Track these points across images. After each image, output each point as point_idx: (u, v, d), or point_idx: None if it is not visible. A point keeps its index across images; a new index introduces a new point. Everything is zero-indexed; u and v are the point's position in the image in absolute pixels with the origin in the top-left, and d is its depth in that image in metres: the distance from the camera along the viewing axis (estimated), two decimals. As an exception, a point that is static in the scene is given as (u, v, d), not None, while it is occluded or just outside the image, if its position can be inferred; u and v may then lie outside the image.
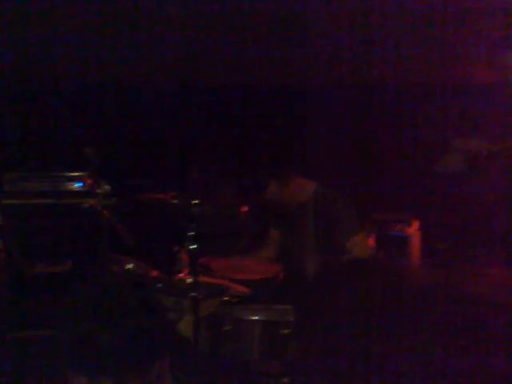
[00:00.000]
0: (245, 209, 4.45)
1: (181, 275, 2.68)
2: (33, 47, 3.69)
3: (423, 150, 3.41)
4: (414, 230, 4.60)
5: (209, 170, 4.22)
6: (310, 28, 3.50)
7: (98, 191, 2.76)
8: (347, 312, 2.51)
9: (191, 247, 2.36)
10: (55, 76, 4.30)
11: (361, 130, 4.98)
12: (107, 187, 2.78)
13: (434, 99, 3.83)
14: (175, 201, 2.56)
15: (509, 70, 3.09)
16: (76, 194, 3.56)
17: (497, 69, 3.15)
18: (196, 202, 2.48)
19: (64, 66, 4.09)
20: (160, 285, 2.51)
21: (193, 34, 3.69)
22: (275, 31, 3.71)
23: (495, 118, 3.09)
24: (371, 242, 3.72)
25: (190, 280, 2.34)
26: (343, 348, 2.41)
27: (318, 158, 4.73)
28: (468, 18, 3.55)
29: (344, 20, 3.40)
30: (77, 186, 3.60)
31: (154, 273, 2.68)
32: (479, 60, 3.66)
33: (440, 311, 2.48)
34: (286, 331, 2.14)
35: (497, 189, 3.06)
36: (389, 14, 3.48)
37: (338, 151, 5.00)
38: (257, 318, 2.19)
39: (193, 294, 2.17)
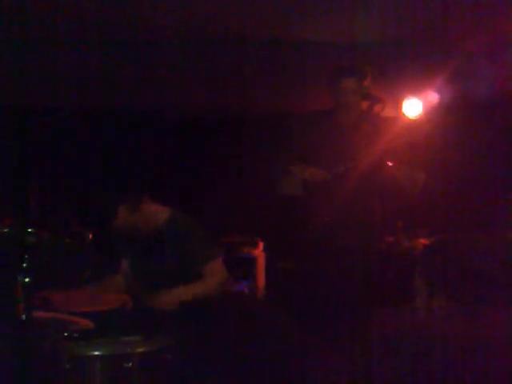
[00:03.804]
0: (90, 236, 4.25)
1: (15, 311, 2.47)
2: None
3: (265, 174, 3.54)
4: (259, 251, 4.76)
5: (47, 193, 3.99)
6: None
7: None
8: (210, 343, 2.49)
9: (26, 280, 2.19)
10: None
11: (207, 158, 5.13)
12: None
13: (271, 127, 4.02)
14: (7, 229, 2.37)
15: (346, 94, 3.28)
16: None
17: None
18: (31, 230, 2.32)
19: None
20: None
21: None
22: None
23: (329, 147, 3.29)
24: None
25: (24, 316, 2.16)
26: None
27: (167, 182, 4.73)
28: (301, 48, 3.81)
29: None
30: None
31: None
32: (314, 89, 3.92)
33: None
34: (129, 364, 2.06)
35: (334, 211, 3.25)
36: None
37: (186, 175, 5.06)
38: (98, 353, 2.07)
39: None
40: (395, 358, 1.65)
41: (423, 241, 4.19)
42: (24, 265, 2.18)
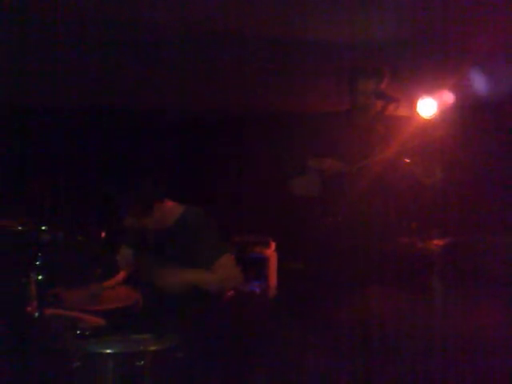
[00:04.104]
0: (102, 235, 4.27)
1: (28, 308, 2.49)
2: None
3: (279, 173, 3.53)
4: (271, 251, 4.74)
5: (61, 192, 4.01)
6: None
7: None
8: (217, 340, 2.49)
9: (39, 278, 2.21)
10: None
11: (221, 156, 5.13)
12: None
13: (286, 127, 4.01)
14: (21, 227, 2.38)
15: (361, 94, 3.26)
16: None
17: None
18: (45, 228, 2.33)
19: None
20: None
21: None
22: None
23: (344, 147, 3.26)
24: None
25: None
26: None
27: (181, 181, 4.74)
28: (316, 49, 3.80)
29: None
30: None
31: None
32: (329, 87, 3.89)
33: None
34: (141, 362, 2.05)
35: (347, 212, 3.22)
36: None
37: (198, 175, 5.07)
38: (109, 350, 2.07)
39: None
40: (408, 357, 1.64)
41: (437, 242, 4.16)
42: (37, 262, 2.19)
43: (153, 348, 2.13)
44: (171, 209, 2.89)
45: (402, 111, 3.48)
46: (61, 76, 4.02)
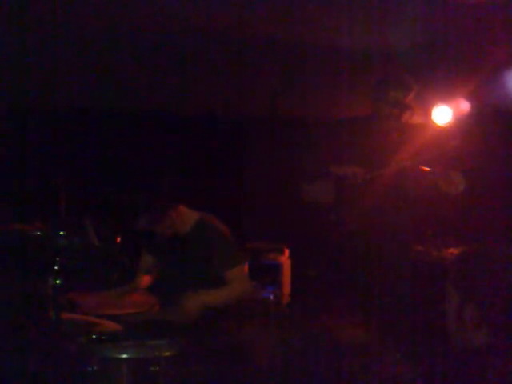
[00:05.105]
0: (118, 240, 4.30)
1: (45, 313, 2.51)
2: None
3: (293, 180, 3.53)
4: (285, 258, 4.74)
5: (78, 197, 4.04)
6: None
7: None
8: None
9: (56, 282, 2.24)
10: None
11: (236, 164, 5.15)
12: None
13: (302, 132, 4.01)
14: (39, 232, 2.41)
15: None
16: None
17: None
18: (63, 233, 2.36)
19: None
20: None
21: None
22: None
23: (367, 148, 3.26)
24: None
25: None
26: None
27: (196, 188, 4.75)
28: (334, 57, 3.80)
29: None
30: None
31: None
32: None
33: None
34: (156, 368, 2.07)
35: (365, 215, 3.21)
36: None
37: (212, 181, 5.08)
38: (124, 355, 2.09)
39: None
40: (423, 367, 1.63)
41: (452, 250, 4.14)
42: (55, 267, 2.22)
43: (168, 354, 2.14)
44: (186, 215, 2.91)
45: (417, 119, 3.47)
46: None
